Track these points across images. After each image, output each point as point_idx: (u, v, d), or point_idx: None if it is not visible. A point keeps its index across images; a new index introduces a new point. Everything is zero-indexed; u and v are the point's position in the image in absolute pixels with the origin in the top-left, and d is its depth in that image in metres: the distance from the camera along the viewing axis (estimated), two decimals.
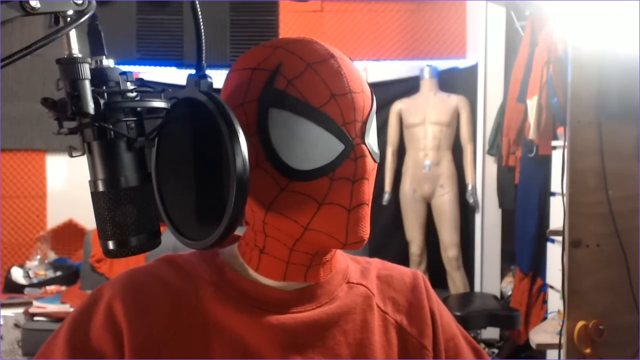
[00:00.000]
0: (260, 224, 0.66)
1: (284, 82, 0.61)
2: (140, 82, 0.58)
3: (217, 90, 0.62)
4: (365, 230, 0.64)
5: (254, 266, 0.68)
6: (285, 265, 0.66)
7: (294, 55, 0.62)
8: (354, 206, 0.62)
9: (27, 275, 3.59)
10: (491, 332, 3.54)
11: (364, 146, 0.63)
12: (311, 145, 0.61)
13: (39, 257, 3.70)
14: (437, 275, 3.69)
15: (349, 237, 0.63)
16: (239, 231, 0.72)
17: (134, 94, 0.56)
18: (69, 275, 3.66)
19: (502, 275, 3.73)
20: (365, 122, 0.64)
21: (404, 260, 3.72)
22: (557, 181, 2.21)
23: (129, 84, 0.56)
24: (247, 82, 0.63)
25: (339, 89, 0.62)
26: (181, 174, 0.61)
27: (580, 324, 1.60)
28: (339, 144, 0.62)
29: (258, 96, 0.61)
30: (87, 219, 3.78)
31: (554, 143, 2.74)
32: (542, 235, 2.85)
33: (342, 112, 0.62)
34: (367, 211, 0.64)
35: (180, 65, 3.95)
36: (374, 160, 0.66)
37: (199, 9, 0.59)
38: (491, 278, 3.68)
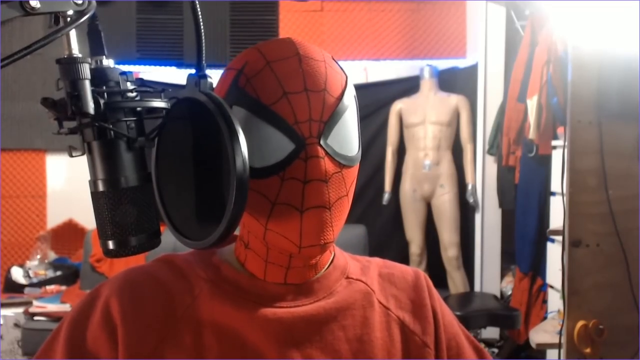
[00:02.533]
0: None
1: (244, 80, 0.62)
2: (140, 82, 0.58)
3: None
4: (325, 236, 0.62)
5: (242, 261, 0.69)
6: (265, 263, 0.67)
7: (260, 54, 0.63)
8: (307, 208, 0.61)
9: (27, 275, 3.59)
10: (491, 332, 3.54)
11: (318, 147, 0.61)
12: (262, 143, 0.61)
13: (39, 256, 3.69)
14: (437, 275, 3.69)
15: (303, 240, 0.62)
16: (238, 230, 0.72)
17: (134, 94, 0.56)
18: (69, 275, 3.66)
19: (502, 275, 3.73)
20: (325, 122, 0.62)
21: (404, 260, 3.72)
22: (557, 181, 2.21)
23: (129, 84, 0.56)
24: (221, 81, 0.65)
25: (293, 87, 0.61)
26: (181, 174, 0.61)
27: (580, 323, 1.60)
28: (290, 143, 0.61)
29: (225, 93, 0.63)
30: (87, 219, 3.78)
31: (554, 143, 2.74)
32: (542, 235, 2.85)
33: (294, 111, 0.61)
34: (327, 215, 0.62)
35: (180, 65, 3.95)
36: (339, 163, 0.63)
37: (199, 9, 0.59)
38: (491, 278, 3.68)
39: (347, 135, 0.65)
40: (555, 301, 2.64)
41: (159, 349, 0.63)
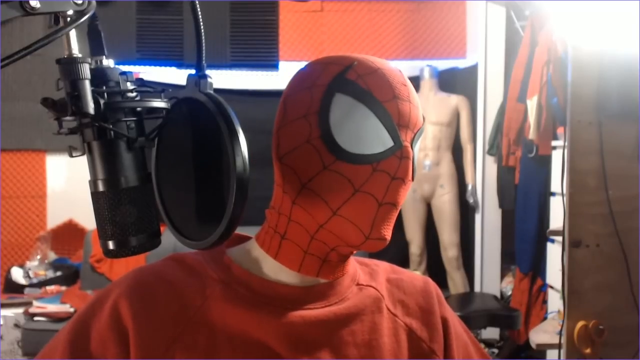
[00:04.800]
0: (288, 205, 0.67)
1: (355, 75, 0.65)
2: (140, 82, 0.57)
3: (217, 90, 0.62)
4: (389, 232, 0.65)
5: (273, 253, 0.68)
6: (303, 254, 0.67)
7: (368, 60, 0.67)
8: (385, 202, 0.64)
9: (27, 275, 3.58)
10: (491, 332, 3.54)
11: (411, 150, 0.65)
12: (364, 132, 0.64)
13: (39, 257, 3.69)
14: (437, 275, 3.69)
15: (373, 232, 0.64)
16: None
17: (134, 94, 0.56)
18: (69, 275, 3.66)
19: (502, 275, 3.73)
20: (415, 134, 0.67)
21: (404, 260, 3.72)
22: (557, 181, 2.20)
23: (129, 84, 0.56)
24: (319, 71, 0.67)
25: (401, 94, 0.66)
26: (181, 174, 0.61)
27: (580, 324, 1.60)
28: (390, 139, 0.65)
29: (328, 82, 0.65)
30: (87, 219, 3.78)
31: (554, 143, 2.74)
32: (542, 235, 2.85)
33: (399, 114, 0.65)
34: (394, 214, 0.66)
35: (180, 65, 3.94)
36: (414, 173, 0.67)
37: (199, 9, 0.59)
38: (491, 278, 3.68)
39: (417, 152, 0.70)
40: (555, 301, 2.64)
41: (170, 350, 0.63)
